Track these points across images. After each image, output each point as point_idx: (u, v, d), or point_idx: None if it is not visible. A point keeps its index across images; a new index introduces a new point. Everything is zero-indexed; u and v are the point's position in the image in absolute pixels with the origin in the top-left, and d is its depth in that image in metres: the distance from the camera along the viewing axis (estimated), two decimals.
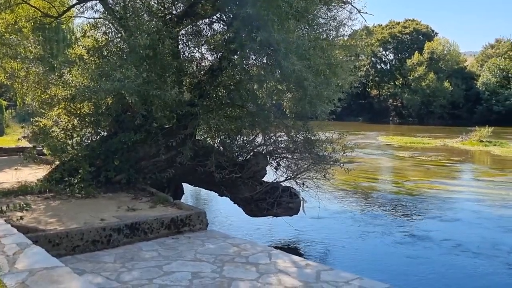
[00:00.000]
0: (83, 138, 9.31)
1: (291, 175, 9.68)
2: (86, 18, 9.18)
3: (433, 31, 64.53)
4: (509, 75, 55.99)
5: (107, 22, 8.68)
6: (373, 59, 62.17)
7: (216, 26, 9.56)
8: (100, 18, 8.89)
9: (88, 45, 8.99)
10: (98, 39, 9.14)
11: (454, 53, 60.71)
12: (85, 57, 8.67)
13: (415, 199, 15.22)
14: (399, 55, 63.47)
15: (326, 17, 9.98)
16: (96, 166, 8.59)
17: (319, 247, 10.07)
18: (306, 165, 9.61)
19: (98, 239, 6.13)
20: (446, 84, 55.26)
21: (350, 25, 10.21)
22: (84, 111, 9.23)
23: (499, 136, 34.12)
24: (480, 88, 56.71)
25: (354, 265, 8.81)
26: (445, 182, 18.44)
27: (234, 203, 9.84)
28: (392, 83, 61.60)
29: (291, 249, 9.49)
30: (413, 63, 57.66)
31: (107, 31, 8.91)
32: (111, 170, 8.60)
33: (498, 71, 56.30)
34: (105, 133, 9.47)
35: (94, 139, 9.35)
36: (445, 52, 59.19)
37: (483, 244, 10.41)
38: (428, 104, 55.68)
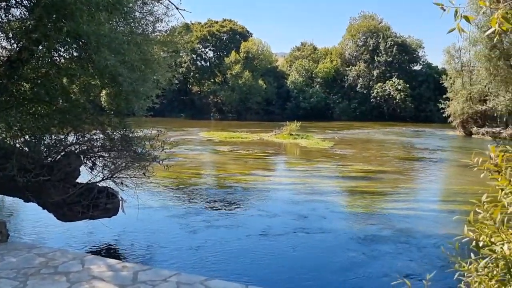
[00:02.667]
0: None
1: (108, 174, 9.21)
2: None
3: (248, 31, 68.66)
4: (313, 75, 63.16)
5: None
6: (193, 56, 63.33)
7: (15, 11, 8.49)
8: None
9: None
10: None
11: (267, 53, 65.67)
12: None
13: (236, 191, 16.01)
14: (218, 53, 65.94)
15: (142, 11, 9.72)
16: None
17: (141, 247, 9.83)
18: (124, 164, 9.26)
19: None
20: (261, 82, 59.53)
21: (167, 21, 10.13)
22: None
23: (306, 130, 38.17)
24: (290, 87, 62.72)
25: (176, 261, 8.84)
26: (260, 173, 19.84)
27: (43, 208, 8.93)
28: (212, 80, 63.73)
29: (110, 252, 9.07)
30: (231, 61, 60.59)
31: None
32: None
33: (304, 72, 63.08)
34: None
35: None
36: (259, 52, 63.59)
37: (292, 228, 11.53)
38: (245, 100, 59.19)
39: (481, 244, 2.61)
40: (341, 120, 56.81)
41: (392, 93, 58.70)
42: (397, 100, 58.34)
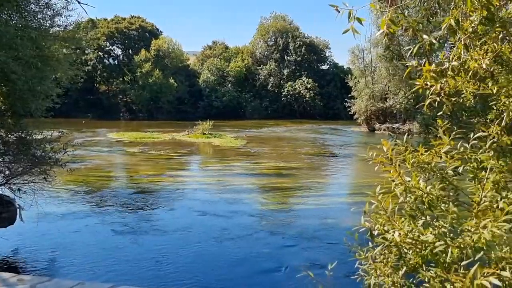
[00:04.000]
0: None
1: (2, 180, 8.50)
2: None
3: (158, 29, 67.08)
4: (225, 74, 63.35)
5: None
6: (100, 53, 60.47)
7: None
8: None
9: None
10: None
11: (178, 51, 64.60)
12: None
13: (147, 193, 15.58)
14: (127, 50, 63.67)
15: (38, 3, 9.09)
16: None
17: (43, 257, 9.18)
18: (21, 168, 8.61)
19: None
20: (172, 81, 58.43)
21: (67, 15, 9.55)
22: None
23: (219, 128, 38.21)
24: (202, 85, 62.32)
25: (82, 269, 8.40)
26: (173, 174, 19.50)
27: None
28: (121, 79, 61.34)
29: (6, 265, 8.36)
30: (141, 59, 58.78)
31: None
32: None
33: (216, 70, 63.02)
34: None
35: None
36: (170, 50, 62.40)
37: (206, 229, 11.48)
38: (157, 100, 57.67)
39: (376, 232, 2.75)
40: (253, 118, 57.59)
41: (302, 92, 60.72)
42: (307, 98, 60.45)
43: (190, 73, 65.15)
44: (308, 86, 60.60)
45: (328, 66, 67.54)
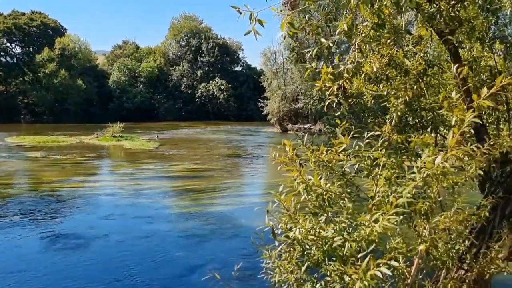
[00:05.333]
0: None
1: None
2: None
3: (62, 26, 63.37)
4: (136, 74, 61.48)
5: None
6: None
7: None
8: None
9: None
10: None
11: (86, 51, 61.53)
12: None
13: (53, 200, 14.69)
14: (27, 48, 59.30)
15: None
16: None
17: None
18: None
19: None
20: (79, 81, 55.49)
21: None
22: None
23: (131, 131, 37.02)
24: (112, 86, 59.90)
25: None
26: (82, 180, 18.55)
27: None
28: (21, 79, 56.94)
29: None
30: (44, 58, 55.07)
31: None
32: None
33: (126, 71, 60.91)
34: None
35: None
36: (76, 49, 59.28)
37: (117, 234, 11.06)
38: (62, 101, 54.35)
39: (281, 231, 2.81)
40: (166, 120, 56.55)
41: (215, 93, 60.81)
42: (220, 99, 60.65)
43: (99, 73, 62.36)
44: (222, 87, 60.86)
45: (241, 67, 68.36)
